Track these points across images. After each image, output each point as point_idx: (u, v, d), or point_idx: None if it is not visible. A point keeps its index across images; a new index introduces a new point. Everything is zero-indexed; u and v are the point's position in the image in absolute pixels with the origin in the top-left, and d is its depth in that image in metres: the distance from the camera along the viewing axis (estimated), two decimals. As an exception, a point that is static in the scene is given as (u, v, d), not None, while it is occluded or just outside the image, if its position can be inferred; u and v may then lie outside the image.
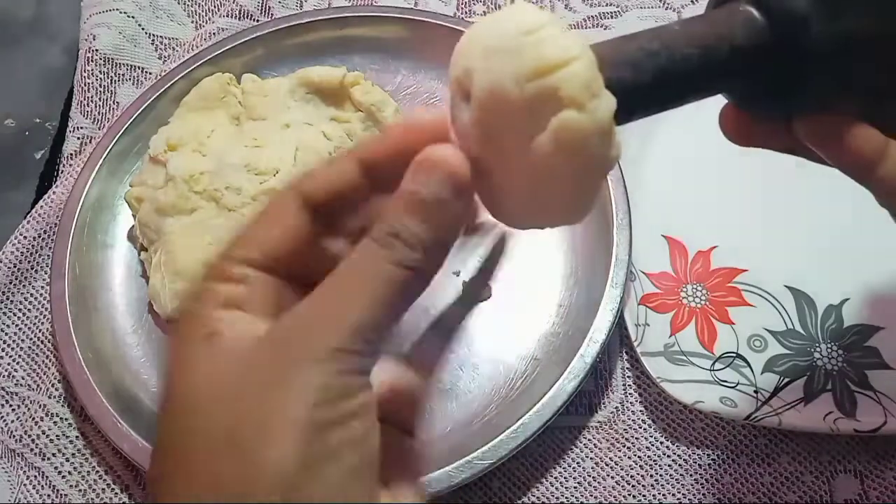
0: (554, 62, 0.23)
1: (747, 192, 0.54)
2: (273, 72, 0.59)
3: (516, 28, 0.23)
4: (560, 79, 0.22)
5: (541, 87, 0.23)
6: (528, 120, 0.23)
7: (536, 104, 0.23)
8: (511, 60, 0.23)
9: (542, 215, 0.26)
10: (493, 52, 0.24)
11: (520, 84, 0.23)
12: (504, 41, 0.23)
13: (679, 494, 0.47)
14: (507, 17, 0.24)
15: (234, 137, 0.54)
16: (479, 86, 0.24)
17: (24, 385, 0.51)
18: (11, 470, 0.49)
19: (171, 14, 0.65)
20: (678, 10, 0.63)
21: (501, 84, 0.23)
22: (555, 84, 0.22)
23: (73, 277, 0.52)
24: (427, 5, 0.64)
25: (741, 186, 0.54)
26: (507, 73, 0.23)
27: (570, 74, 0.23)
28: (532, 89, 0.23)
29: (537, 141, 0.23)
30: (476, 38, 0.25)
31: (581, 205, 0.25)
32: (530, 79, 0.23)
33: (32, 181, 0.60)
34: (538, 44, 0.23)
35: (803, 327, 0.50)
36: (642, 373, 0.49)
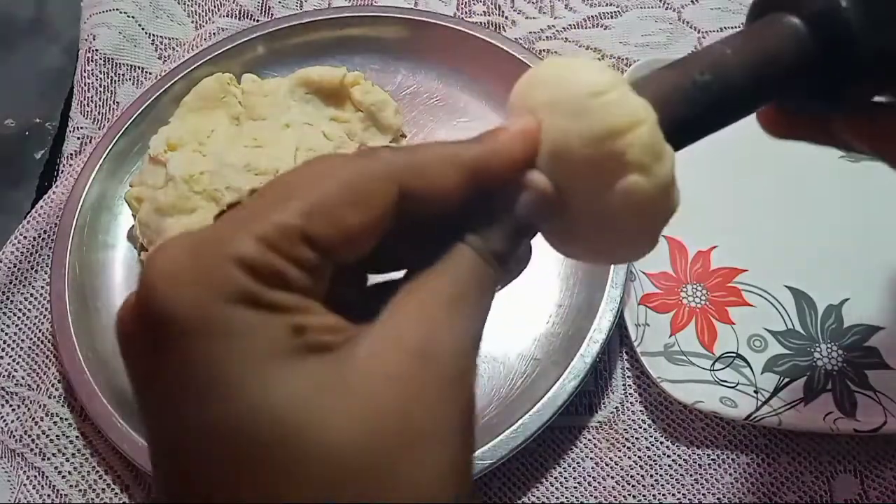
0: (621, 127, 0.24)
1: (747, 193, 0.54)
2: (273, 72, 0.59)
3: (585, 89, 0.24)
4: (626, 144, 0.24)
5: (608, 151, 0.24)
6: (596, 179, 0.24)
7: (603, 166, 0.24)
8: (579, 121, 0.24)
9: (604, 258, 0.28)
10: (561, 109, 0.25)
11: (588, 146, 0.24)
12: (572, 100, 0.24)
13: (679, 494, 0.47)
14: (576, 73, 0.25)
15: (234, 137, 0.54)
16: (547, 136, 0.25)
17: (24, 385, 0.51)
18: (11, 470, 0.49)
19: (171, 14, 0.65)
20: (678, 9, 0.63)
21: (569, 142, 0.24)
22: (621, 149, 0.24)
23: (73, 277, 0.52)
24: (427, 5, 0.64)
25: (741, 186, 0.54)
26: (574, 132, 0.24)
27: (636, 139, 0.24)
28: (599, 152, 0.24)
29: (606, 198, 0.24)
30: (542, 85, 0.26)
31: (645, 249, 0.27)
32: (598, 142, 0.24)
33: (32, 181, 0.60)
34: (605, 107, 0.24)
35: (803, 327, 0.50)
36: (642, 373, 0.49)
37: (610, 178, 0.24)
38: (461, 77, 0.59)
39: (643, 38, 0.62)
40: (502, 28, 0.63)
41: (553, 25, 0.63)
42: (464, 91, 0.59)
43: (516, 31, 0.63)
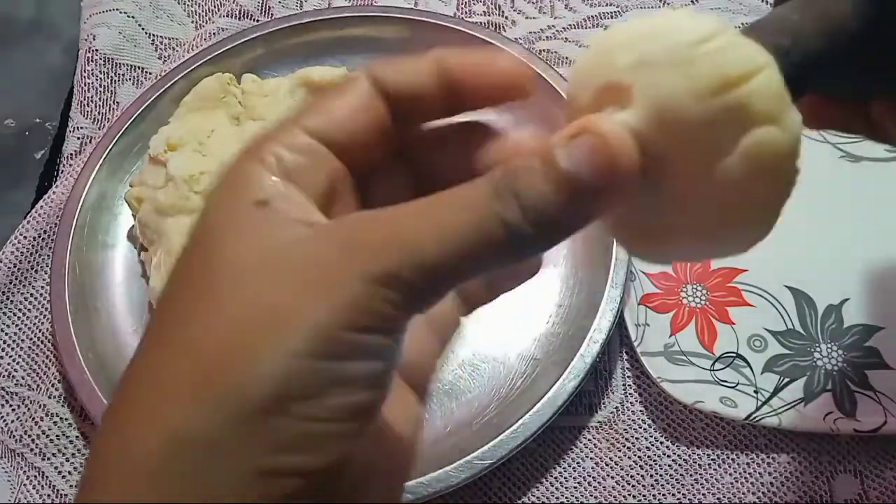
0: (741, 73, 0.20)
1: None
2: (273, 72, 0.59)
3: (688, 37, 0.21)
4: (751, 91, 0.20)
5: (729, 103, 0.20)
6: (712, 141, 0.20)
7: (723, 122, 0.20)
8: (686, 73, 0.20)
9: (716, 246, 0.23)
10: (658, 64, 0.21)
11: (702, 100, 0.20)
12: (673, 52, 0.21)
13: (679, 494, 0.47)
14: (671, 24, 0.21)
15: (234, 137, 0.54)
16: (642, 103, 0.21)
17: (24, 385, 0.51)
18: (11, 470, 0.49)
19: (171, 14, 0.65)
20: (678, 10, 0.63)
21: (676, 101, 0.20)
22: (745, 98, 0.20)
23: (73, 277, 0.52)
24: (427, 5, 0.64)
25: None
26: (681, 87, 0.20)
27: (762, 86, 0.20)
28: (717, 105, 0.20)
29: (723, 164, 0.20)
30: (625, 46, 0.22)
31: (763, 233, 0.22)
32: (715, 94, 0.20)
33: (32, 181, 0.60)
34: (718, 53, 0.20)
35: (803, 327, 0.50)
36: (642, 373, 0.49)
37: (734, 136, 0.20)
38: (461, 77, 0.59)
39: (643, 38, 0.62)
40: (502, 28, 0.63)
41: (553, 25, 0.63)
42: (464, 91, 0.59)
43: (516, 31, 0.63)
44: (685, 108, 0.20)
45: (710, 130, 0.20)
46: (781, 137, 0.20)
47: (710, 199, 0.21)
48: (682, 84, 0.20)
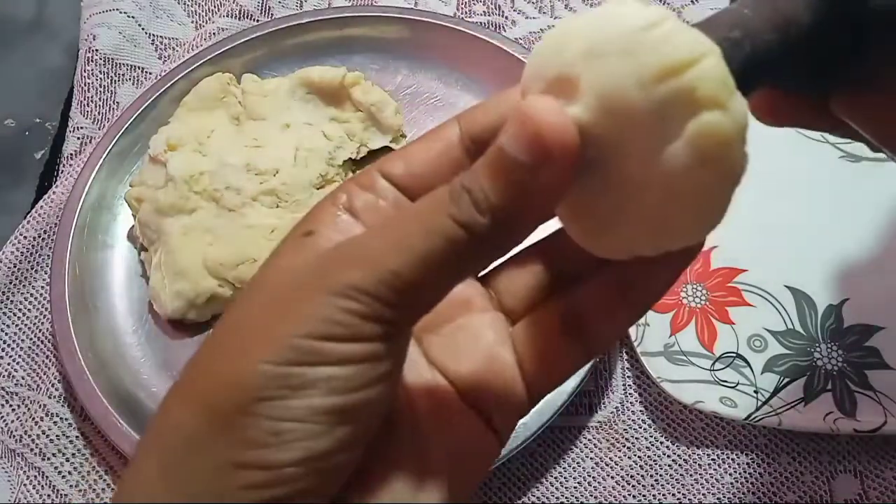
0: (685, 59, 0.20)
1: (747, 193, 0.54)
2: (273, 72, 0.59)
3: (632, 25, 0.20)
4: (695, 77, 0.20)
5: (673, 89, 0.20)
6: (658, 128, 0.20)
7: (668, 108, 0.20)
8: (631, 61, 0.20)
9: (664, 237, 0.23)
10: (604, 54, 0.21)
11: (645, 87, 0.20)
12: (617, 40, 0.20)
13: (679, 494, 0.47)
14: (616, 13, 0.21)
15: (234, 137, 0.54)
16: (589, 93, 0.21)
17: (24, 385, 0.51)
18: (11, 470, 0.49)
19: (171, 14, 0.65)
20: (678, 10, 0.63)
21: (621, 89, 0.20)
22: (690, 84, 0.20)
23: (73, 277, 0.52)
24: (427, 5, 0.64)
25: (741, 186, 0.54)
26: (627, 75, 0.20)
27: (705, 71, 0.20)
28: (662, 92, 0.20)
29: (669, 151, 0.20)
30: (571, 38, 0.22)
31: (713, 220, 0.22)
32: (659, 80, 0.20)
33: (32, 181, 0.60)
34: (662, 40, 0.20)
35: (803, 327, 0.50)
36: (642, 373, 0.49)
37: (679, 122, 0.20)
38: (461, 77, 0.59)
39: (643, 38, 0.62)
40: (502, 28, 0.63)
41: (553, 25, 0.63)
42: (464, 91, 0.59)
43: (516, 31, 0.63)
44: (631, 96, 0.20)
45: (655, 117, 0.20)
46: (726, 122, 0.20)
47: (657, 186, 0.21)
48: (628, 71, 0.20)
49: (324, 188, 0.53)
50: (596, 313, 0.26)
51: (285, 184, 0.52)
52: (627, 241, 0.23)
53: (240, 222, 0.51)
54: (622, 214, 0.22)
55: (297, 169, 0.53)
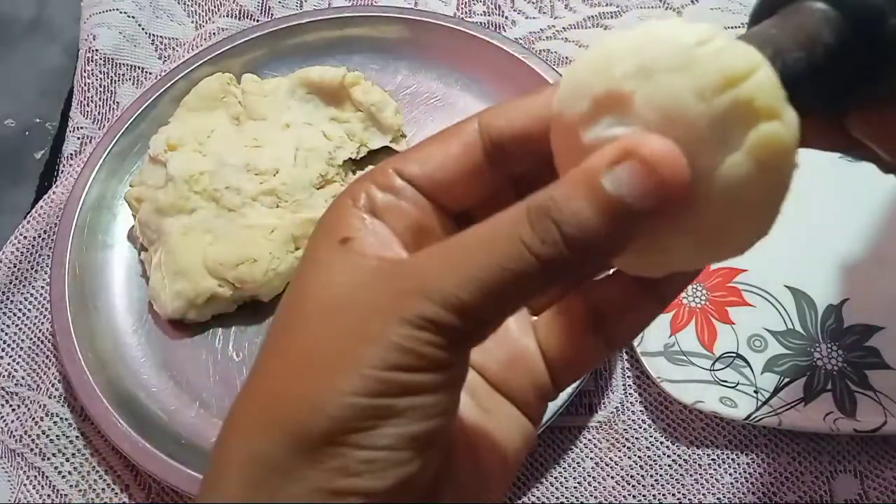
0: (741, 71, 0.21)
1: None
2: (273, 72, 0.59)
3: (684, 41, 0.21)
4: (753, 89, 0.20)
5: (732, 100, 0.20)
6: (717, 139, 0.21)
7: (727, 120, 0.21)
8: (688, 75, 0.21)
9: (717, 249, 0.23)
10: (658, 70, 0.21)
11: (705, 99, 0.20)
12: (671, 56, 0.21)
13: (679, 494, 0.47)
14: (664, 32, 0.22)
15: (234, 137, 0.54)
16: (646, 108, 0.21)
17: (24, 385, 0.51)
18: (11, 470, 0.49)
19: (171, 14, 0.65)
20: (678, 9, 0.63)
21: (681, 102, 0.21)
22: (748, 95, 0.20)
23: (73, 277, 0.52)
24: (427, 5, 0.64)
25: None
26: (685, 89, 0.21)
27: (761, 83, 0.21)
28: (721, 103, 0.20)
29: (728, 162, 0.21)
30: (617, 57, 0.22)
31: (765, 229, 0.22)
32: (717, 92, 0.20)
33: (32, 181, 0.60)
34: (717, 54, 0.21)
35: (803, 327, 0.50)
36: (642, 373, 0.49)
37: (738, 133, 0.21)
38: (461, 77, 0.59)
39: (643, 38, 0.62)
40: (502, 28, 0.63)
41: (553, 25, 0.63)
42: (464, 91, 0.59)
43: (516, 31, 0.63)
44: (690, 109, 0.21)
45: (714, 129, 0.21)
46: (784, 131, 0.21)
47: (716, 198, 0.21)
48: (686, 85, 0.21)
49: (324, 188, 0.53)
50: (618, 307, 0.26)
51: (285, 184, 0.52)
52: (678, 257, 0.23)
53: (240, 222, 0.51)
54: (678, 231, 0.22)
55: (297, 169, 0.53)
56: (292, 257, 0.51)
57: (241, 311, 0.52)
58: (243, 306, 0.52)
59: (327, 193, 0.53)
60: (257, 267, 0.50)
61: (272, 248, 0.50)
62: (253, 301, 0.51)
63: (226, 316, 0.52)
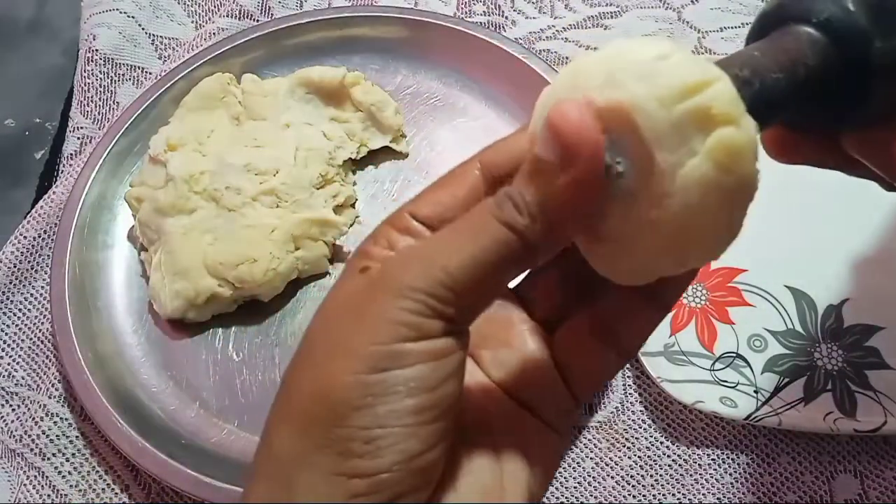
0: (699, 82, 0.22)
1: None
2: (273, 72, 0.59)
3: (647, 55, 0.23)
4: (710, 97, 0.22)
5: (691, 107, 0.22)
6: (678, 143, 0.23)
7: (686, 126, 0.22)
8: (650, 85, 0.22)
9: (685, 252, 0.25)
10: (622, 82, 0.23)
11: (667, 107, 0.22)
12: (635, 69, 0.23)
13: (679, 494, 0.47)
14: (627, 48, 0.23)
15: (234, 137, 0.54)
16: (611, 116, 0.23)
17: (24, 385, 0.51)
18: (11, 470, 0.49)
19: (171, 14, 0.65)
20: (678, 9, 0.63)
21: (642, 109, 0.22)
22: (706, 103, 0.22)
23: (73, 277, 0.52)
24: (427, 5, 0.64)
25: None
26: (648, 96, 0.22)
27: (719, 92, 0.22)
28: (681, 110, 0.22)
29: (689, 165, 0.22)
30: (591, 70, 0.24)
31: (730, 233, 0.24)
32: (677, 100, 0.22)
33: (32, 181, 0.60)
34: (676, 67, 0.23)
35: (803, 327, 0.50)
36: (642, 373, 0.49)
37: (697, 137, 0.22)
38: (461, 77, 0.59)
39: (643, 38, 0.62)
40: (502, 28, 0.63)
41: (553, 25, 0.63)
42: (464, 91, 0.59)
43: (516, 31, 0.63)
44: (653, 115, 0.22)
45: (675, 134, 0.22)
46: (740, 136, 0.22)
47: (679, 200, 0.23)
48: (650, 93, 0.22)
49: (324, 188, 0.53)
50: (624, 317, 0.28)
51: (285, 184, 0.52)
52: (651, 262, 0.25)
53: (240, 222, 0.51)
54: (646, 234, 0.24)
55: (297, 169, 0.53)
56: (292, 257, 0.51)
57: (241, 311, 0.52)
58: (243, 306, 0.52)
59: (327, 193, 0.53)
60: (257, 267, 0.50)
61: (272, 248, 0.50)
62: (253, 301, 0.51)
63: (226, 316, 0.52)
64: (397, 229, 0.26)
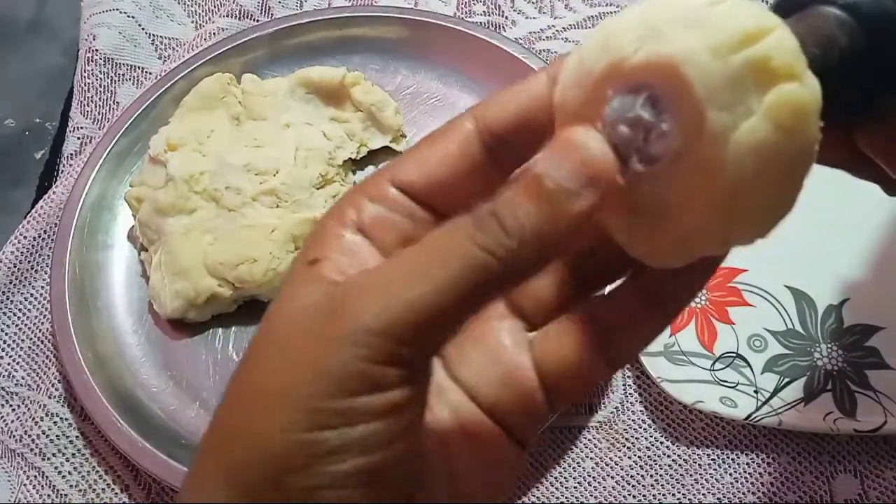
0: (757, 29, 0.19)
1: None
2: (273, 72, 0.59)
3: (696, 1, 0.20)
4: (770, 47, 0.19)
5: (749, 58, 0.19)
6: (734, 101, 0.19)
7: (743, 80, 0.19)
8: (700, 33, 0.19)
9: (732, 229, 0.21)
10: (669, 31, 0.20)
11: (721, 57, 0.19)
12: (682, 16, 0.20)
13: (679, 494, 0.47)
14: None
15: (234, 137, 0.54)
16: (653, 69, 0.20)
17: (24, 385, 0.51)
18: (11, 470, 0.49)
19: (171, 14, 0.65)
20: (678, 10, 0.63)
21: (694, 60, 0.19)
22: (766, 53, 0.19)
23: (73, 277, 0.52)
24: (427, 5, 0.64)
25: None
26: (700, 46, 0.19)
27: (780, 41, 0.19)
28: (737, 62, 0.19)
29: (744, 126, 0.19)
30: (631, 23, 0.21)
31: (786, 205, 0.21)
32: (734, 50, 0.19)
33: (32, 181, 0.60)
34: (731, 12, 0.20)
35: (803, 327, 0.50)
36: (642, 373, 0.49)
37: (755, 93, 0.19)
38: (461, 77, 0.59)
39: (643, 38, 0.62)
40: (502, 28, 0.63)
41: (553, 25, 0.63)
42: (464, 91, 0.59)
43: (516, 31, 0.63)
44: (706, 66, 0.19)
45: (731, 89, 0.19)
46: (805, 93, 0.20)
47: (731, 167, 0.20)
48: (702, 43, 0.19)
49: (324, 188, 0.53)
50: (621, 324, 0.24)
51: (285, 184, 0.52)
52: (694, 237, 0.22)
53: (240, 222, 0.51)
54: (692, 204, 0.21)
55: (297, 169, 0.53)
56: (292, 257, 0.51)
57: (241, 311, 0.52)
58: (243, 306, 0.52)
59: (327, 193, 0.53)
60: (257, 267, 0.50)
61: (272, 248, 0.50)
62: (253, 301, 0.51)
63: (226, 316, 0.52)
64: (369, 196, 0.23)
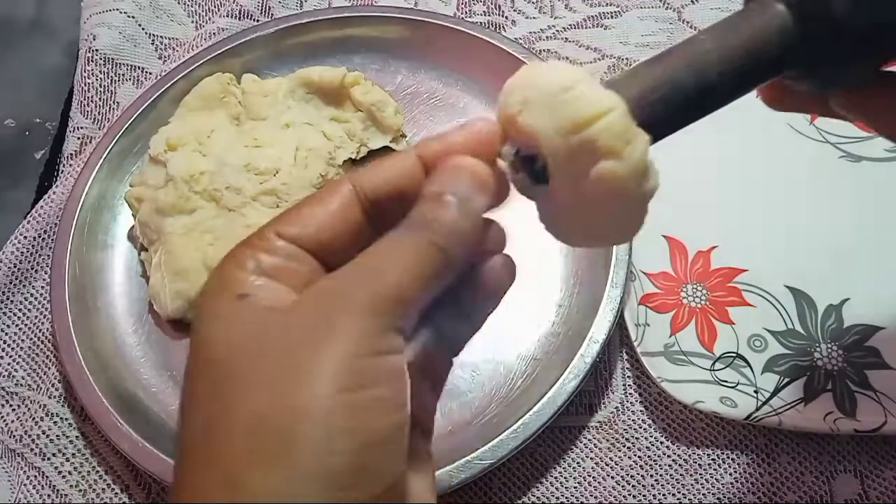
0: (590, 116, 0.25)
1: (747, 192, 0.54)
2: (273, 72, 0.59)
3: (554, 86, 0.26)
4: (597, 131, 0.25)
5: (581, 140, 0.25)
6: (573, 166, 0.26)
7: (578, 154, 0.25)
8: (553, 115, 0.26)
9: (594, 240, 0.31)
10: (537, 106, 0.26)
11: (563, 136, 0.25)
12: (545, 97, 0.26)
13: (679, 494, 0.47)
14: (544, 73, 0.26)
15: (234, 137, 0.54)
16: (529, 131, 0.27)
17: (24, 385, 0.51)
18: (11, 470, 0.49)
19: (171, 14, 0.65)
20: (678, 9, 0.63)
21: (547, 135, 0.26)
22: (592, 136, 0.25)
23: (73, 277, 0.52)
24: (427, 5, 0.64)
25: (741, 186, 0.54)
26: (550, 126, 0.26)
27: (606, 126, 0.25)
28: (573, 141, 0.25)
29: (583, 184, 0.26)
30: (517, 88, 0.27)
31: (629, 230, 0.28)
32: (570, 132, 0.25)
33: (32, 181, 0.60)
34: (575, 100, 0.25)
35: (803, 327, 0.50)
36: (642, 373, 0.49)
37: (586, 165, 0.25)
38: (461, 77, 0.59)
39: (643, 38, 0.62)
40: (502, 28, 0.63)
41: (553, 25, 0.63)
42: (464, 91, 0.59)
43: (516, 31, 0.63)
44: (554, 142, 0.26)
45: (572, 159, 0.26)
46: (620, 168, 0.25)
47: (583, 207, 0.27)
48: (551, 124, 0.26)
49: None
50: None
51: (285, 184, 0.52)
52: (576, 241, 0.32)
53: (240, 222, 0.51)
54: (568, 221, 0.28)
55: (297, 169, 0.53)
56: (292, 257, 0.51)
57: (241, 311, 0.52)
58: (243, 306, 0.52)
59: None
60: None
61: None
62: (253, 301, 0.51)
63: (226, 316, 0.51)
64: (262, 250, 0.26)
